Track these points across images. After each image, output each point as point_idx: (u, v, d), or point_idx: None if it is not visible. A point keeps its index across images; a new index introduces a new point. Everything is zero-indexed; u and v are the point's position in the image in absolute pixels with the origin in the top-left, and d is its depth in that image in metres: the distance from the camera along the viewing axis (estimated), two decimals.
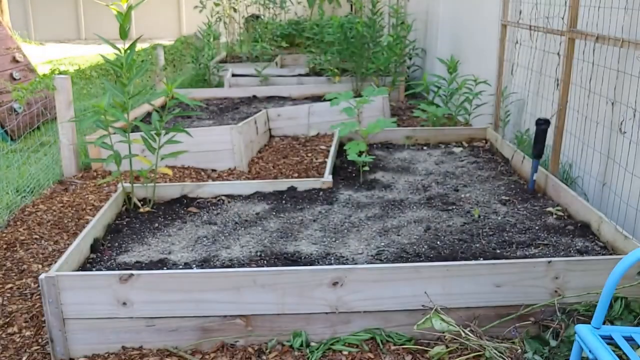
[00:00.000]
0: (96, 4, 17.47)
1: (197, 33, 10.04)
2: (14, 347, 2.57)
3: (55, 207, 4.00)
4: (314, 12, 10.73)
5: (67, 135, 4.62)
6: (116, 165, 3.35)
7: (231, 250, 2.92)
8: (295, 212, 3.42)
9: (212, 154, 4.71)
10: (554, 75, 4.04)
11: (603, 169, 3.48)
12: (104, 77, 8.33)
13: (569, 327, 2.37)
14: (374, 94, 4.58)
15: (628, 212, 3.14)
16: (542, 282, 2.48)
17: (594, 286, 2.48)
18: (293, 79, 7.59)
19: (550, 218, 3.25)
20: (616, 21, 3.30)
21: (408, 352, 2.42)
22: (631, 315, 2.40)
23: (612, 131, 3.37)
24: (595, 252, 2.81)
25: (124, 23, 3.14)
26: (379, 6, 7.34)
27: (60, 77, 4.61)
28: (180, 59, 9.84)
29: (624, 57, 3.22)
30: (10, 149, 5.42)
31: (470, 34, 6.10)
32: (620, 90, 3.27)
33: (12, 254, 3.37)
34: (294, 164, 4.87)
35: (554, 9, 4.09)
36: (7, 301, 2.91)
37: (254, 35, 10.11)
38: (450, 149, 4.77)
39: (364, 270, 2.46)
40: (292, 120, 5.78)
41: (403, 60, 7.50)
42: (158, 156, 3.43)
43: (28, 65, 6.96)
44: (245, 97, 6.91)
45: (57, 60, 12.15)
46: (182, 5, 19.34)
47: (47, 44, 16.42)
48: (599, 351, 1.76)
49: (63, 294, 2.41)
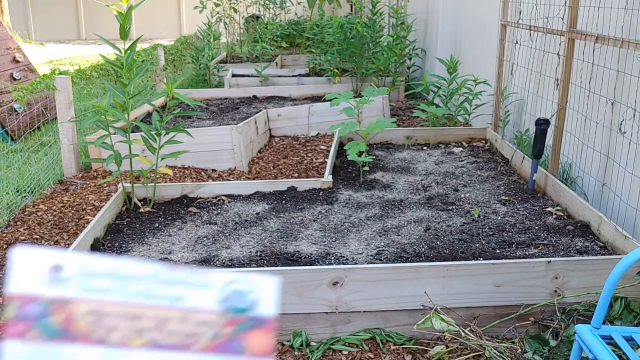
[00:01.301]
0: (96, 4, 17.48)
1: (197, 33, 10.05)
2: None
3: (55, 207, 4.00)
4: (314, 12, 10.74)
5: (68, 136, 4.63)
6: (116, 165, 3.35)
7: (231, 250, 2.92)
8: (295, 212, 3.42)
9: (212, 154, 4.71)
10: (554, 75, 4.04)
11: (603, 169, 3.48)
12: (105, 77, 8.33)
13: (568, 327, 2.37)
14: (374, 94, 4.58)
15: (628, 212, 3.14)
16: (541, 282, 2.48)
17: (594, 286, 2.48)
18: (293, 79, 7.59)
19: (550, 218, 3.25)
20: (616, 21, 3.30)
21: (408, 352, 2.43)
22: (631, 315, 2.40)
23: (612, 131, 3.38)
24: (595, 252, 2.82)
25: (124, 23, 3.15)
26: (379, 6, 7.35)
27: (60, 77, 4.62)
28: (181, 59, 9.84)
29: (623, 57, 3.22)
30: (10, 149, 5.42)
31: (470, 34, 6.11)
32: (620, 90, 3.28)
33: None
34: (294, 164, 4.88)
35: (553, 9, 4.09)
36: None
37: (254, 35, 10.12)
38: (450, 149, 4.77)
39: (364, 270, 2.46)
40: (292, 121, 5.78)
41: (403, 60, 7.50)
42: (158, 156, 3.44)
43: (28, 66, 6.97)
44: (246, 97, 6.92)
45: (58, 61, 12.15)
46: (182, 6, 19.35)
47: (47, 44, 16.43)
48: (599, 351, 1.77)
49: None
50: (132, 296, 0.34)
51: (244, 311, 0.35)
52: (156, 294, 0.34)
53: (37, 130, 5.96)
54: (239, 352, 0.35)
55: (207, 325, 0.35)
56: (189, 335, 0.34)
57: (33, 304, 0.33)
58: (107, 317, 0.34)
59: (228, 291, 0.35)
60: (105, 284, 0.34)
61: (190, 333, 0.34)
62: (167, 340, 0.34)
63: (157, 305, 0.34)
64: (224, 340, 0.35)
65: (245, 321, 0.36)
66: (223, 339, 0.35)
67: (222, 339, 0.35)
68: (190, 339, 0.34)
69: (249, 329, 0.36)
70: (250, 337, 0.36)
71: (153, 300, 0.34)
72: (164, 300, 0.34)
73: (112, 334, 0.34)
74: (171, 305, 0.34)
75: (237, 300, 0.35)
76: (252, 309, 0.35)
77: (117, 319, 0.34)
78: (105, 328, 0.34)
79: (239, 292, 0.35)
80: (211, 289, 0.35)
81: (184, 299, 0.35)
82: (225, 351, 0.35)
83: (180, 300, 0.35)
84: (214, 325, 0.35)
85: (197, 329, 0.35)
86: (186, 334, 0.34)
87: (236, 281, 0.35)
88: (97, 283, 0.34)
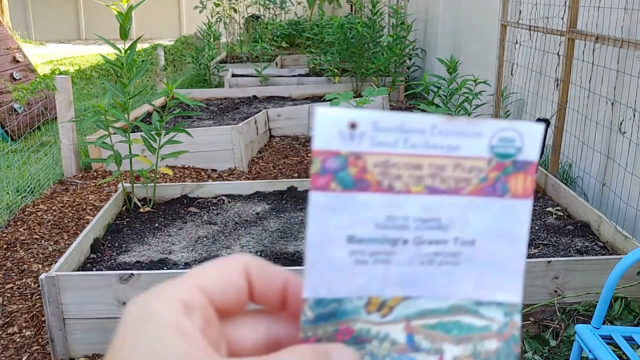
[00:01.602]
0: (96, 4, 17.48)
1: (198, 33, 10.05)
2: (14, 347, 2.57)
3: (55, 207, 4.00)
4: (314, 12, 10.73)
5: (68, 136, 4.62)
6: (116, 165, 3.35)
7: (231, 250, 2.92)
8: (295, 212, 3.42)
9: (212, 154, 4.71)
10: (554, 75, 4.04)
11: (603, 169, 3.48)
12: (105, 77, 8.33)
13: (568, 327, 2.37)
14: (374, 94, 4.58)
15: (628, 212, 3.14)
16: (541, 282, 2.48)
17: (594, 286, 2.48)
18: (293, 79, 7.59)
19: (550, 218, 3.25)
20: (616, 21, 3.30)
21: None
22: (631, 315, 2.40)
23: (612, 131, 3.38)
24: (595, 252, 2.81)
25: (124, 23, 3.14)
26: (379, 6, 7.35)
27: (60, 77, 4.61)
28: (181, 59, 9.84)
29: (623, 57, 3.22)
30: (10, 149, 5.42)
31: (470, 34, 6.11)
32: (620, 90, 3.28)
33: (13, 254, 3.37)
34: (294, 164, 4.88)
35: (553, 9, 4.09)
36: (7, 301, 2.91)
37: (254, 35, 10.12)
38: None
39: None
40: (292, 120, 5.78)
41: (403, 60, 7.50)
42: (158, 156, 3.44)
43: (28, 66, 6.97)
44: (246, 97, 6.92)
45: (58, 60, 12.16)
46: (182, 6, 19.35)
47: (47, 44, 16.43)
48: (599, 351, 1.77)
49: (63, 294, 2.41)
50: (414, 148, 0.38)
51: (509, 156, 0.39)
52: (435, 144, 0.38)
53: (37, 130, 5.96)
54: (503, 194, 0.39)
55: (475, 170, 0.38)
56: (460, 180, 0.38)
57: (333, 159, 0.38)
58: (393, 168, 0.38)
59: (496, 138, 0.38)
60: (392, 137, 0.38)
61: (461, 178, 0.38)
62: (442, 186, 0.39)
63: (435, 154, 0.38)
64: (490, 184, 0.39)
65: (510, 165, 0.39)
66: (489, 182, 0.39)
67: (489, 183, 0.39)
68: (460, 184, 0.38)
69: (513, 172, 0.39)
70: (514, 180, 0.39)
71: (432, 150, 0.38)
72: (441, 150, 0.38)
73: (397, 182, 0.38)
74: (447, 154, 0.38)
75: (504, 146, 0.38)
76: (517, 154, 0.39)
77: (401, 168, 0.38)
78: (391, 177, 0.38)
79: (506, 138, 0.38)
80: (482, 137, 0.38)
81: (458, 148, 0.38)
82: (491, 193, 0.39)
83: (455, 150, 0.38)
84: (481, 170, 0.39)
85: (467, 174, 0.38)
86: (458, 179, 0.38)
87: (504, 129, 0.38)
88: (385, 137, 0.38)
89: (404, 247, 0.41)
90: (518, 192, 0.40)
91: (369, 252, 0.40)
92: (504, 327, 0.42)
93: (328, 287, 0.40)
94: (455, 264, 0.41)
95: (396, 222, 0.40)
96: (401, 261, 0.41)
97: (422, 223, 0.40)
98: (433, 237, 0.40)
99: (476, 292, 0.42)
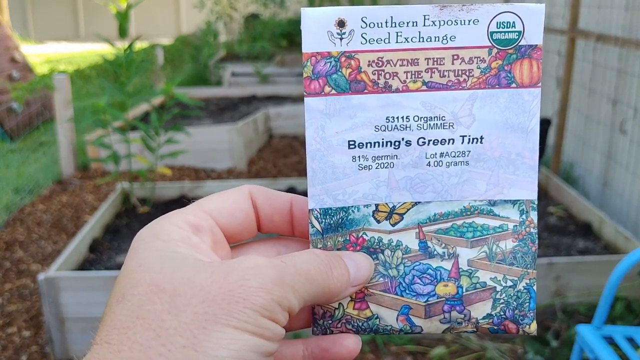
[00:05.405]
0: (95, 3, 17.48)
1: (197, 32, 10.04)
2: (13, 347, 2.56)
3: (54, 207, 3.99)
4: None
5: (66, 135, 4.61)
6: (115, 165, 3.34)
7: None
8: None
9: (211, 153, 4.70)
10: (555, 74, 4.03)
11: (604, 169, 3.47)
12: (103, 77, 8.32)
13: (570, 328, 2.36)
14: None
15: (629, 212, 3.13)
16: (543, 282, 2.47)
17: (595, 286, 2.47)
18: (293, 78, 7.58)
19: (552, 218, 3.24)
20: (617, 20, 3.29)
21: (408, 353, 2.42)
22: (632, 316, 2.39)
23: (613, 131, 3.37)
24: (597, 253, 2.81)
25: (123, 22, 3.13)
26: None
27: (59, 77, 4.60)
28: (180, 58, 9.83)
29: (625, 56, 3.21)
30: (9, 149, 5.41)
31: None
32: (622, 89, 3.27)
33: (11, 254, 3.36)
34: (294, 164, 4.87)
35: (554, 9, 4.08)
36: (6, 301, 2.90)
37: (253, 34, 10.11)
38: None
39: None
40: (292, 120, 5.77)
41: None
42: (157, 156, 3.42)
43: (27, 65, 6.95)
44: (245, 96, 6.90)
45: (56, 60, 12.14)
46: (181, 5, 19.33)
47: (46, 43, 16.42)
48: (600, 351, 1.76)
49: (62, 294, 2.40)
50: (408, 42, 0.36)
51: (511, 42, 0.37)
52: (429, 36, 0.36)
53: (36, 130, 5.94)
54: (508, 83, 0.37)
55: (476, 61, 0.37)
56: (460, 73, 0.37)
57: (324, 61, 0.36)
58: (387, 65, 0.36)
59: (495, 24, 0.36)
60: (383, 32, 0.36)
61: (461, 71, 0.37)
62: (441, 80, 0.37)
63: (431, 47, 0.36)
64: (494, 74, 0.37)
65: (513, 52, 0.37)
66: (492, 72, 0.37)
67: (492, 73, 0.37)
68: (461, 77, 0.37)
69: (517, 59, 0.37)
70: (519, 68, 0.37)
71: (427, 43, 0.36)
72: (437, 42, 0.36)
73: (393, 80, 0.37)
74: (443, 45, 0.36)
75: (505, 31, 0.36)
76: (520, 39, 0.37)
77: (396, 65, 0.37)
78: (386, 75, 0.37)
79: (505, 23, 0.36)
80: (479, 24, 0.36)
81: (455, 38, 0.36)
82: (495, 84, 0.37)
83: (451, 40, 0.36)
84: (482, 60, 0.37)
85: (468, 66, 0.37)
86: (458, 72, 0.37)
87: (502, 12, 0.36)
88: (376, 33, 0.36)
89: (407, 149, 0.39)
90: (524, 80, 0.38)
91: (371, 157, 0.39)
92: (520, 226, 0.40)
93: (333, 196, 0.39)
94: (464, 164, 0.40)
95: (396, 123, 0.39)
96: (406, 164, 0.39)
97: (424, 122, 0.39)
98: (437, 136, 0.39)
99: (489, 192, 0.40)
